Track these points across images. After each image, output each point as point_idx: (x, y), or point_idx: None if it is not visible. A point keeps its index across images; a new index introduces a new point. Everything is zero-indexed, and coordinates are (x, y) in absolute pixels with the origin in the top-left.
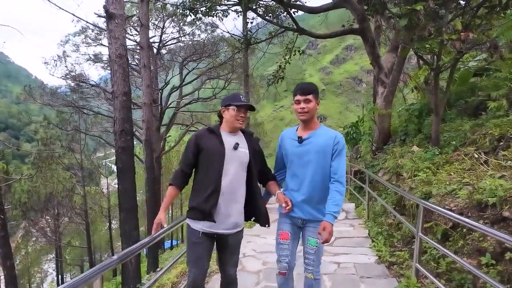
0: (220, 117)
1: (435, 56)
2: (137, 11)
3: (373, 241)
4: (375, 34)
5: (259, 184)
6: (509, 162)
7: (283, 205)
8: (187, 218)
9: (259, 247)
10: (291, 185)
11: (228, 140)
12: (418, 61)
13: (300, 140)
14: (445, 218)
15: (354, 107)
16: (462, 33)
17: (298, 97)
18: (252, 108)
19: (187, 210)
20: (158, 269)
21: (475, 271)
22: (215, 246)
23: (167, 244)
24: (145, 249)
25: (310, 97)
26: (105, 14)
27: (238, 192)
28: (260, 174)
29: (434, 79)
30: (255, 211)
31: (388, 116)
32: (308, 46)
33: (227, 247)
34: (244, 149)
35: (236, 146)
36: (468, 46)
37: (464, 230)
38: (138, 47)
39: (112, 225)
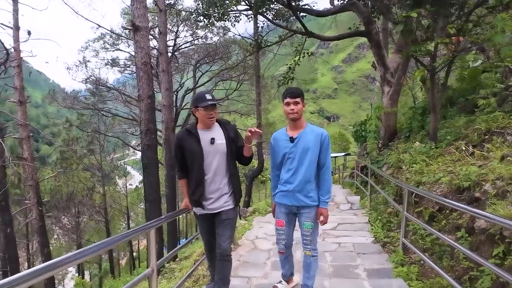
0: (195, 117)
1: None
2: (151, 18)
3: (371, 225)
4: (382, 35)
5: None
6: (491, 153)
7: (253, 130)
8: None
9: (269, 231)
10: (286, 178)
11: (205, 137)
12: (416, 62)
13: (292, 139)
14: (433, 202)
15: (367, 106)
16: (453, 38)
17: (288, 100)
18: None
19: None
20: (178, 259)
21: (450, 241)
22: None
23: (182, 242)
24: (164, 248)
25: (298, 99)
26: (131, 27)
27: (222, 179)
28: (238, 156)
29: (431, 79)
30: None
31: (394, 114)
32: (320, 45)
33: (220, 222)
34: (221, 141)
35: (212, 141)
36: (460, 49)
37: (447, 211)
38: (156, 53)
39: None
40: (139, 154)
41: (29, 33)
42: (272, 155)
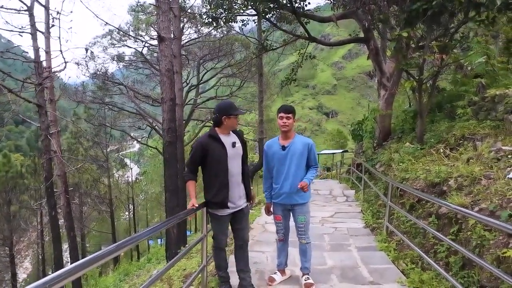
0: (218, 122)
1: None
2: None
3: (363, 214)
4: (381, 41)
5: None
6: (462, 155)
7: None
8: (208, 208)
9: None
10: (279, 181)
11: (227, 141)
12: (406, 74)
13: (283, 147)
14: (413, 194)
15: (366, 103)
16: (438, 54)
17: (282, 115)
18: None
19: (204, 202)
20: (187, 245)
21: (421, 224)
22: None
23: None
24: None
25: (290, 115)
26: (157, 38)
27: (239, 179)
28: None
29: (418, 89)
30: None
31: (389, 116)
32: None
33: (243, 217)
34: (238, 144)
35: (234, 145)
36: (442, 65)
37: (423, 202)
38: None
39: (131, 213)
40: (137, 146)
41: (86, 50)
42: (266, 161)
